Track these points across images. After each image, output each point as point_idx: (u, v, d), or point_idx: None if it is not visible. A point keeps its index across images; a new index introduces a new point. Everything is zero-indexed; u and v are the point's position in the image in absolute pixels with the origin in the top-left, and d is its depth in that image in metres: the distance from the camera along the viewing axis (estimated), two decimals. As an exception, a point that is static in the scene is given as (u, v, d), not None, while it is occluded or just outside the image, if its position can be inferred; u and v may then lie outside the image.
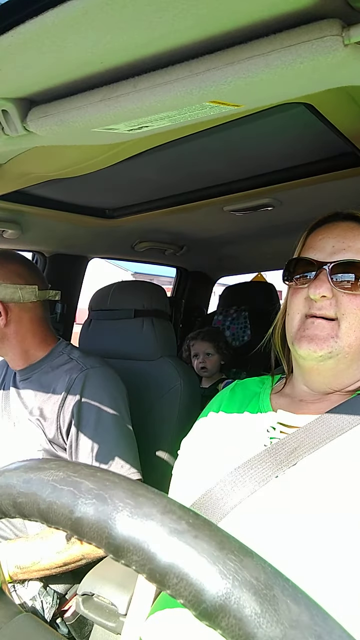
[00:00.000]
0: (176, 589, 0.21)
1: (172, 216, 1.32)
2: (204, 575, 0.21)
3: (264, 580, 0.21)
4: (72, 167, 0.79)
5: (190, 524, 0.23)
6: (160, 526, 0.22)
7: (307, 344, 0.60)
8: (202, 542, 0.22)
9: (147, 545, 0.22)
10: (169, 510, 0.23)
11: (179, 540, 0.22)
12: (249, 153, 0.95)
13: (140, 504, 0.23)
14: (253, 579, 0.21)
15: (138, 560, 0.22)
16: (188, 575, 0.21)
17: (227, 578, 0.21)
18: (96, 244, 1.63)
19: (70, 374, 1.11)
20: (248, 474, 0.58)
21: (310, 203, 1.16)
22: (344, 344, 0.60)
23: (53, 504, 0.25)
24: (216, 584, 0.21)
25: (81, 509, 0.24)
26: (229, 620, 0.20)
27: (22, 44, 0.38)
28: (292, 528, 0.52)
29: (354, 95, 0.63)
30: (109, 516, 0.23)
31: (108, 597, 0.94)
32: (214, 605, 0.20)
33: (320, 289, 0.60)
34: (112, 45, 0.39)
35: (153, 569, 0.22)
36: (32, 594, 1.05)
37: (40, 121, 0.49)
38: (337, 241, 0.62)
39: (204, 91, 0.41)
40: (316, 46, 0.35)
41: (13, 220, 1.27)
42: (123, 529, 0.22)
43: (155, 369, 1.38)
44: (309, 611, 0.20)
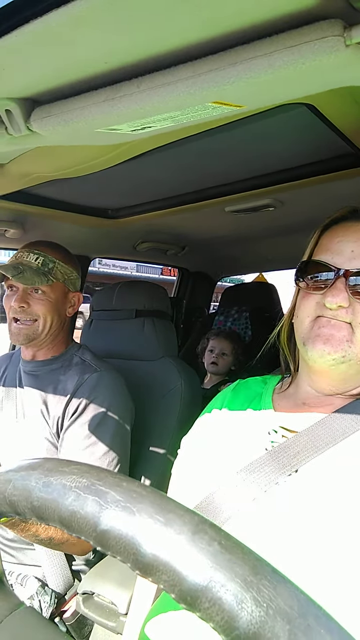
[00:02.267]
0: (208, 612, 0.21)
1: (174, 216, 1.32)
2: (238, 602, 0.20)
3: (298, 608, 0.20)
4: (75, 167, 0.79)
5: (223, 546, 0.22)
6: (193, 547, 0.22)
7: (322, 344, 0.57)
8: (235, 565, 0.21)
9: (178, 566, 0.22)
10: (201, 530, 0.23)
11: (212, 562, 0.21)
12: (250, 154, 0.95)
13: (170, 521, 0.23)
14: (287, 607, 0.20)
15: (168, 580, 0.22)
16: (221, 600, 0.20)
17: (262, 606, 0.20)
18: (98, 244, 1.63)
19: (82, 374, 1.12)
20: (249, 478, 0.57)
21: (311, 204, 1.16)
22: (358, 350, 0.57)
23: (76, 513, 0.24)
24: (251, 612, 0.20)
25: (107, 522, 0.23)
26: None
27: (26, 44, 0.38)
28: (295, 534, 0.51)
29: (355, 95, 0.63)
30: (137, 532, 0.22)
31: (108, 596, 0.94)
32: (247, 634, 0.20)
33: (338, 297, 0.56)
34: (115, 45, 0.39)
35: (184, 590, 0.21)
36: (30, 593, 1.05)
37: (43, 121, 0.49)
38: (357, 245, 0.58)
39: (206, 92, 0.42)
40: (318, 47, 0.35)
41: (15, 220, 1.27)
42: (153, 548, 0.22)
43: (157, 369, 1.39)
44: (308, 606, 0.20)
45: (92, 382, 1.10)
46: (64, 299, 1.17)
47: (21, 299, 1.10)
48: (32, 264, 1.11)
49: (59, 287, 1.14)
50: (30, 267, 1.10)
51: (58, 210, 1.23)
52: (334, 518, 0.50)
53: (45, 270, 1.11)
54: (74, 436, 1.06)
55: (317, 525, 0.51)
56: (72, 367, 1.16)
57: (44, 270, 1.11)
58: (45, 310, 1.11)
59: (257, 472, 0.57)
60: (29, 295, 1.11)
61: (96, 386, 1.10)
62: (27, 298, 1.11)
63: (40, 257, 1.12)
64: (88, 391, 1.09)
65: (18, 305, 1.10)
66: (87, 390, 1.09)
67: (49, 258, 1.12)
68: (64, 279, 1.15)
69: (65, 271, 1.15)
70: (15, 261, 1.13)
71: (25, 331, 1.11)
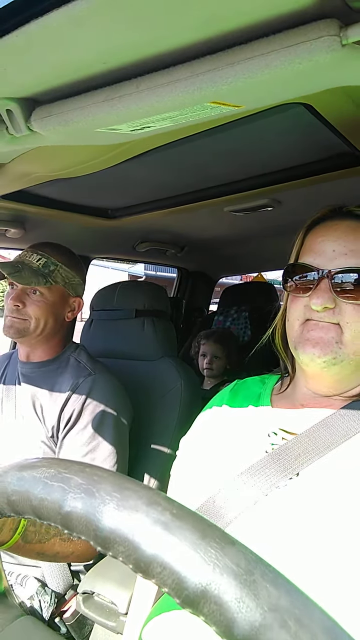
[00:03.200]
0: (160, 577, 0.22)
1: (173, 216, 1.33)
2: (186, 563, 0.21)
3: (245, 566, 0.21)
4: (75, 167, 0.80)
5: (174, 515, 0.23)
6: (146, 517, 0.23)
7: (312, 347, 0.57)
8: (185, 531, 0.22)
9: (132, 536, 0.22)
10: (154, 502, 0.24)
11: (163, 530, 0.22)
12: (249, 153, 0.96)
13: (126, 496, 0.24)
14: (234, 565, 0.21)
15: (124, 551, 0.22)
16: (170, 564, 0.21)
17: (208, 565, 0.21)
18: (98, 244, 1.64)
19: (77, 376, 1.11)
20: (250, 481, 0.57)
21: (310, 203, 1.17)
22: (349, 351, 0.57)
23: (44, 500, 0.25)
24: (197, 571, 0.21)
25: (70, 504, 0.24)
26: (211, 607, 0.21)
27: (26, 44, 0.38)
28: (297, 538, 0.51)
29: (352, 95, 0.64)
30: (96, 509, 0.23)
31: (108, 596, 0.94)
32: (195, 592, 0.21)
33: (322, 299, 0.56)
34: (115, 45, 0.40)
35: (138, 558, 0.22)
36: (30, 593, 1.05)
37: (44, 121, 0.49)
38: (337, 244, 0.58)
39: (205, 92, 0.42)
40: (314, 46, 0.35)
41: (16, 219, 1.27)
42: (110, 522, 0.23)
43: (156, 369, 1.39)
44: (289, 595, 0.21)
45: (87, 386, 1.09)
46: (62, 302, 1.15)
47: (17, 298, 1.09)
48: (33, 264, 1.10)
49: (58, 291, 1.13)
50: (30, 267, 1.09)
51: (58, 210, 1.24)
52: (336, 521, 0.50)
53: (45, 272, 1.10)
54: (72, 443, 1.05)
55: (320, 528, 0.50)
56: (68, 369, 1.15)
57: (43, 272, 1.10)
58: (39, 312, 1.10)
59: (258, 476, 0.57)
60: (26, 296, 1.10)
61: (91, 390, 1.09)
62: (24, 298, 1.10)
63: (42, 258, 1.11)
64: (83, 396, 1.08)
65: (13, 304, 1.09)
66: (82, 394, 1.08)
67: (51, 260, 1.11)
68: (64, 283, 1.13)
69: (67, 275, 1.14)
70: (17, 260, 1.13)
71: (17, 325, 1.10)
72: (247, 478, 0.57)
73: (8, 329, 1.10)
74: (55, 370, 1.15)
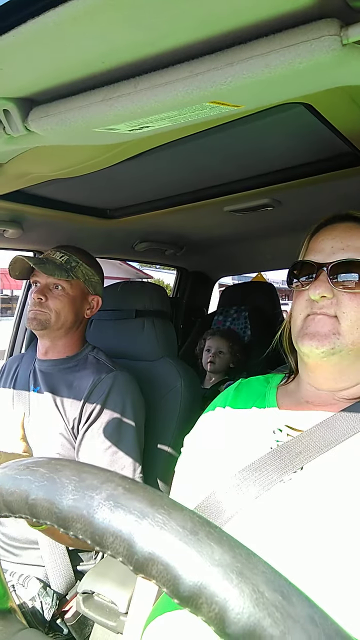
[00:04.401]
0: (113, 548, 0.23)
1: (172, 216, 1.33)
2: (134, 530, 0.22)
3: (190, 527, 0.22)
4: (73, 167, 0.79)
5: (127, 489, 0.25)
6: (98, 494, 0.24)
7: (309, 340, 0.61)
8: (134, 502, 0.24)
9: (86, 512, 0.24)
10: (108, 480, 0.25)
11: (115, 503, 0.24)
12: (248, 153, 0.95)
13: (83, 479, 0.26)
14: (179, 527, 0.22)
15: (81, 528, 0.24)
16: (121, 532, 0.23)
17: (155, 528, 0.22)
18: (97, 244, 1.63)
19: (99, 373, 1.15)
20: (252, 477, 0.58)
21: (309, 203, 1.17)
22: (347, 341, 0.60)
23: (13, 493, 0.27)
24: (145, 537, 0.22)
25: (35, 492, 0.26)
26: (158, 568, 0.22)
27: (23, 44, 0.38)
28: (299, 532, 0.52)
29: (352, 94, 0.64)
30: (56, 493, 0.25)
31: (108, 595, 0.94)
32: (144, 556, 0.22)
33: (320, 289, 0.60)
34: (113, 45, 0.40)
35: (93, 533, 0.23)
36: (32, 595, 1.05)
37: (41, 121, 0.49)
38: (335, 242, 0.63)
39: (204, 91, 0.42)
40: (315, 46, 0.35)
41: (14, 219, 1.27)
42: (67, 502, 0.24)
43: (156, 369, 1.39)
44: (232, 551, 0.22)
45: (108, 382, 1.13)
46: (82, 298, 1.22)
47: (40, 292, 1.16)
48: (57, 259, 1.17)
49: (79, 286, 1.20)
50: (54, 262, 1.16)
51: (56, 210, 1.24)
52: (337, 516, 0.51)
53: (67, 267, 1.17)
54: (94, 437, 1.08)
55: (324, 521, 0.51)
56: (87, 366, 1.19)
57: (66, 267, 1.17)
58: (60, 306, 1.16)
59: (260, 471, 0.58)
60: (49, 290, 1.17)
61: (112, 386, 1.13)
62: (46, 292, 1.16)
63: (65, 255, 1.19)
64: (105, 391, 1.12)
65: (36, 297, 1.15)
66: (104, 390, 1.12)
67: (73, 258, 1.19)
68: (84, 279, 1.20)
69: (87, 272, 1.21)
70: (42, 256, 1.20)
71: (39, 317, 1.15)
72: (248, 474, 0.59)
73: (31, 321, 1.17)
74: (74, 367, 1.19)
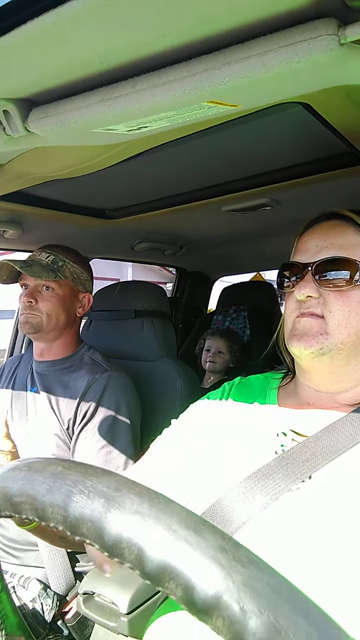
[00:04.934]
0: (53, 517, 0.26)
1: (171, 216, 1.33)
2: (66, 497, 0.26)
3: (115, 486, 0.26)
4: (73, 168, 0.79)
5: (65, 467, 0.28)
6: (41, 476, 0.28)
7: (297, 341, 0.60)
8: (69, 475, 0.27)
9: (44, 498, 0.27)
10: (53, 463, 0.29)
11: (53, 480, 0.27)
12: (247, 153, 0.95)
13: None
14: (104, 487, 0.26)
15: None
16: (57, 503, 0.26)
17: (84, 492, 0.25)
18: (96, 244, 1.64)
19: (93, 373, 1.15)
20: (258, 485, 0.57)
21: (308, 202, 1.17)
22: (336, 340, 0.59)
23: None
24: (74, 502, 0.25)
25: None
26: (88, 526, 0.24)
27: (22, 45, 0.38)
28: (310, 544, 0.51)
29: (350, 94, 0.64)
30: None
31: (109, 596, 0.94)
32: (75, 518, 0.25)
33: (305, 289, 0.60)
34: (111, 45, 0.40)
35: (40, 508, 0.27)
36: (32, 596, 1.05)
37: (41, 122, 0.49)
38: (319, 240, 0.63)
39: (202, 91, 0.42)
40: (312, 45, 0.35)
41: (14, 220, 1.27)
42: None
43: (156, 369, 1.39)
44: (151, 501, 0.25)
45: (102, 382, 1.13)
46: (73, 297, 1.20)
47: (30, 295, 1.15)
48: (43, 260, 1.16)
49: (68, 285, 1.19)
50: (40, 263, 1.15)
51: (56, 210, 1.24)
52: (348, 526, 0.50)
53: (54, 267, 1.16)
54: (89, 436, 1.08)
55: (332, 534, 0.50)
56: (83, 366, 1.18)
57: (53, 267, 1.15)
58: (51, 307, 1.15)
59: (266, 479, 0.57)
60: (38, 293, 1.16)
61: (106, 386, 1.12)
62: (36, 295, 1.15)
63: (51, 255, 1.17)
64: (99, 391, 1.11)
65: (26, 300, 1.14)
66: (98, 390, 1.11)
67: (59, 257, 1.18)
68: (72, 278, 1.19)
69: (75, 270, 1.20)
70: (27, 258, 1.19)
71: (31, 320, 1.15)
72: (254, 482, 0.57)
73: (23, 325, 1.16)
74: (70, 368, 1.19)
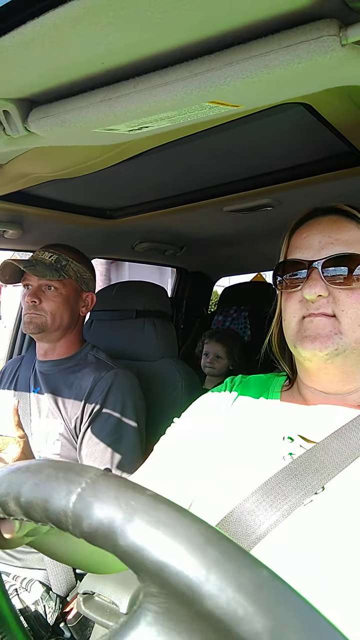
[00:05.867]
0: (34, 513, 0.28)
1: (172, 216, 1.33)
2: (43, 488, 0.28)
3: (80, 470, 0.28)
4: (73, 168, 0.79)
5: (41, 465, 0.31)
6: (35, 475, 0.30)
7: (311, 343, 0.57)
8: (43, 470, 0.29)
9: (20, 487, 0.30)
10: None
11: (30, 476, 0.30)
12: (248, 153, 0.95)
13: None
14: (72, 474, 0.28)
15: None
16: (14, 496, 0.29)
17: (51, 478, 0.28)
18: (97, 244, 1.63)
19: (99, 371, 1.15)
20: (267, 500, 0.54)
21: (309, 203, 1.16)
22: (350, 340, 0.56)
23: None
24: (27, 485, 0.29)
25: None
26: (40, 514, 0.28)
27: (23, 45, 0.38)
28: (332, 554, 0.49)
29: (352, 95, 0.64)
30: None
31: (109, 596, 0.94)
32: (27, 502, 0.28)
33: (315, 288, 0.57)
34: (112, 45, 0.40)
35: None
36: (35, 598, 1.05)
37: (41, 122, 0.49)
38: (323, 236, 0.59)
39: (203, 92, 0.42)
40: (314, 46, 0.35)
41: (14, 220, 1.27)
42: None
43: (157, 370, 1.39)
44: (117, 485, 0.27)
45: (109, 380, 1.13)
46: (76, 296, 1.21)
47: (33, 294, 1.15)
48: (46, 260, 1.17)
49: (71, 284, 1.19)
50: (44, 263, 1.16)
51: (56, 210, 1.24)
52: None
53: (58, 266, 1.16)
54: (94, 436, 1.08)
55: (350, 547, 0.49)
56: (88, 365, 1.19)
57: (56, 267, 1.16)
58: (55, 307, 1.16)
59: (276, 491, 0.54)
60: (41, 292, 1.16)
61: (113, 384, 1.13)
62: (39, 294, 1.16)
63: (54, 255, 1.18)
64: (105, 389, 1.12)
65: (30, 300, 1.15)
66: (104, 388, 1.12)
67: (62, 256, 1.18)
68: (76, 277, 1.20)
69: (78, 269, 1.20)
70: (31, 258, 1.20)
71: (35, 320, 1.15)
72: (262, 497, 0.55)
73: (27, 325, 1.16)
74: (75, 367, 1.19)
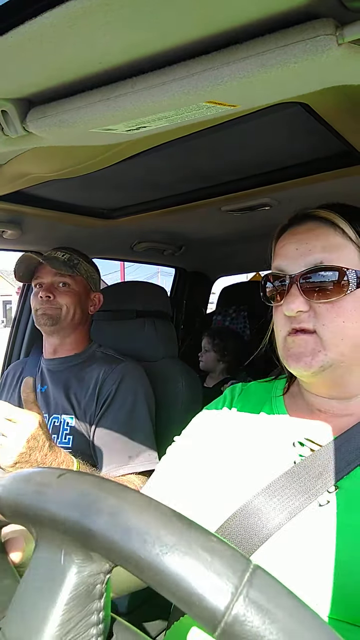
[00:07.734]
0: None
1: (170, 216, 1.33)
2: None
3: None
4: (72, 168, 0.79)
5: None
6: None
7: (296, 363, 0.57)
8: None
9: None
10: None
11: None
12: (246, 153, 0.96)
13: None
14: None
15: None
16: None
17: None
18: (95, 244, 1.63)
19: (109, 364, 1.18)
20: (273, 500, 0.55)
21: (307, 202, 1.16)
22: (334, 354, 0.56)
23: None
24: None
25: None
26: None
27: (21, 45, 0.38)
28: (342, 554, 0.50)
29: (349, 94, 0.64)
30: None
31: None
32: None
33: (294, 304, 0.56)
34: (110, 45, 0.40)
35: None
36: None
37: (39, 122, 0.49)
38: (299, 244, 0.59)
39: (200, 91, 0.42)
40: (310, 46, 0.35)
41: (13, 220, 1.27)
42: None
43: (157, 370, 1.38)
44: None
45: (120, 371, 1.16)
46: (86, 295, 1.26)
47: (47, 290, 1.19)
48: (59, 257, 1.23)
49: (82, 282, 1.25)
50: (57, 259, 1.21)
51: (55, 210, 1.24)
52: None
53: (71, 264, 1.22)
54: (109, 425, 1.10)
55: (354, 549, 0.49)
56: (96, 360, 1.22)
57: (69, 264, 1.22)
58: (69, 301, 1.20)
59: (283, 492, 0.55)
60: (54, 288, 1.21)
61: (125, 375, 1.15)
62: (53, 290, 1.20)
63: (66, 254, 1.24)
64: (118, 379, 1.14)
65: (44, 295, 1.18)
66: (116, 379, 1.14)
67: (74, 256, 1.25)
68: (86, 276, 1.25)
69: (88, 269, 1.26)
70: (44, 256, 1.25)
71: (49, 312, 1.18)
72: (270, 496, 0.55)
73: (41, 317, 1.19)
74: (83, 363, 1.22)
